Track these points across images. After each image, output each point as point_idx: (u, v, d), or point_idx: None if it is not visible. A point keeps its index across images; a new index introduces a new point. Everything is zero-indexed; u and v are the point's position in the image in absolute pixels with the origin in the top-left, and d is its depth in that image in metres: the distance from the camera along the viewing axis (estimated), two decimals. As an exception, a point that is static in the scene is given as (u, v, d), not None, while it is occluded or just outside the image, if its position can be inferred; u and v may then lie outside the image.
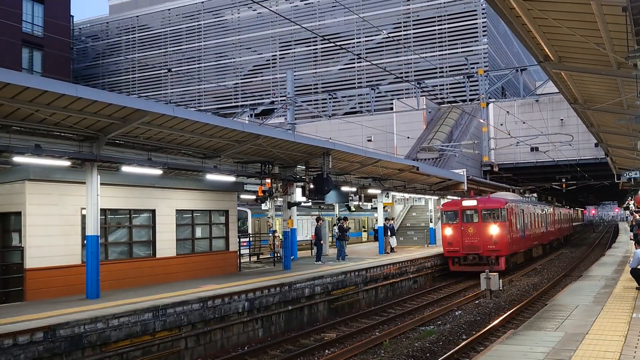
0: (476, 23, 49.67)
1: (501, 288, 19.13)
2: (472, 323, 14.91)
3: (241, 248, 20.67)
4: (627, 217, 67.73)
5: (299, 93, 50.45)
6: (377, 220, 41.65)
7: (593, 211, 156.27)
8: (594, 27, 8.49)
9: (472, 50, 49.40)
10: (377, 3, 52.91)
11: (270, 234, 24.42)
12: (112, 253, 15.38)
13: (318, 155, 19.32)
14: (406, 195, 29.38)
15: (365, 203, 32.76)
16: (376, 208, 28.64)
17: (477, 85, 37.32)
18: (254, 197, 21.61)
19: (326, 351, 12.71)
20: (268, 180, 18.67)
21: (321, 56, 55.21)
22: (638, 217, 36.65)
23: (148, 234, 16.38)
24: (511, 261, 25.97)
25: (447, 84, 47.71)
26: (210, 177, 17.19)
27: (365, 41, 53.04)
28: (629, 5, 6.68)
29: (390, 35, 49.33)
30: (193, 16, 61.08)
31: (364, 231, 43.18)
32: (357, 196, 30.00)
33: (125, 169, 14.25)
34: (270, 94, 53.32)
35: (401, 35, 51.58)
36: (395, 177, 26.99)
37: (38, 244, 13.43)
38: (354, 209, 38.64)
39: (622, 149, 22.58)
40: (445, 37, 50.50)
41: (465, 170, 33.69)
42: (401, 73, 50.02)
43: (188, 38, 61.08)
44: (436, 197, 31.96)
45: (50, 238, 13.68)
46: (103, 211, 14.35)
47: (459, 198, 28.58)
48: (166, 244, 16.66)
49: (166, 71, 55.88)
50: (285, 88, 50.47)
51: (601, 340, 8.97)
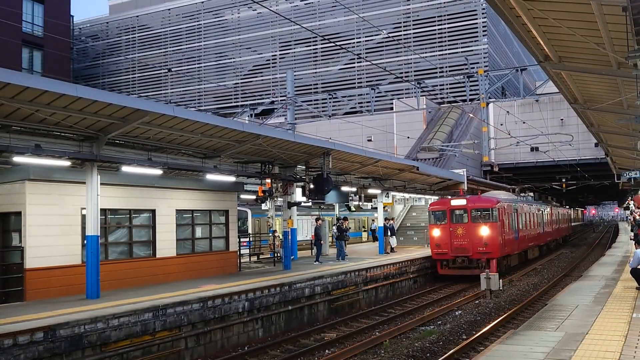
0: (476, 23, 49.68)
1: (501, 288, 19.14)
2: (472, 323, 14.91)
3: (241, 248, 20.68)
4: (627, 217, 67.71)
5: (299, 93, 50.45)
6: (375, 220, 41.86)
7: (593, 211, 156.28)
8: (594, 27, 8.49)
9: (472, 50, 49.42)
10: (377, 3, 52.91)
11: (270, 234, 24.42)
12: (112, 253, 15.39)
13: (318, 155, 19.32)
14: (406, 195, 29.38)
15: (365, 203, 32.76)
16: (376, 208, 28.64)
17: (477, 85, 37.32)
18: (254, 197, 21.63)
19: (326, 351, 12.72)
20: (268, 180, 18.67)
21: (321, 56, 55.22)
22: (638, 217, 36.66)
23: (148, 234, 16.38)
24: (503, 264, 24.80)
25: (447, 84, 47.72)
26: (210, 177, 17.20)
27: (365, 41, 53.05)
28: (629, 5, 6.68)
29: (390, 35, 49.33)
30: (193, 16, 61.09)
31: (364, 231, 43.17)
32: (357, 196, 30.02)
33: (125, 169, 14.26)
34: (270, 94, 53.30)
35: (401, 35, 51.59)
36: (395, 177, 26.98)
37: (38, 244, 13.43)
38: (354, 209, 38.65)
39: (622, 149, 22.58)
40: (445, 37, 50.51)
41: (465, 170, 33.70)
42: (401, 73, 50.02)
43: (188, 38, 61.09)
44: (436, 197, 31.97)
45: (50, 238, 13.68)
46: (103, 211, 14.35)
47: (448, 197, 27.24)
48: (166, 244, 16.67)
49: (166, 71, 55.89)
50: (285, 88, 50.49)
51: (601, 340, 8.98)
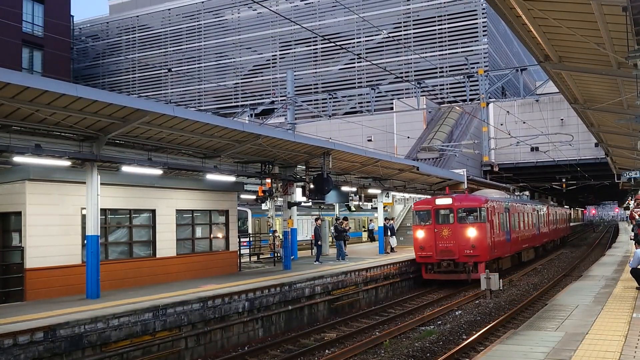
0: (476, 23, 49.67)
1: (501, 288, 19.14)
2: (472, 323, 14.91)
3: (241, 248, 20.68)
4: (627, 217, 67.65)
5: (299, 93, 50.45)
6: (372, 220, 41.85)
7: (593, 211, 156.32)
8: (594, 27, 8.50)
9: (472, 50, 49.40)
10: (377, 3, 52.91)
11: (270, 234, 24.43)
12: (112, 253, 15.39)
13: (318, 155, 19.32)
14: (406, 195, 29.38)
15: (365, 203, 32.77)
16: (376, 208, 28.63)
17: (477, 85, 37.33)
18: (254, 197, 21.65)
19: (326, 351, 12.72)
20: (268, 180, 18.68)
21: (321, 56, 55.21)
22: (638, 217, 36.62)
23: (148, 234, 16.39)
24: (493, 267, 23.24)
25: (447, 84, 47.71)
26: (210, 177, 17.20)
27: (365, 41, 53.04)
28: (629, 5, 6.68)
29: (390, 35, 49.32)
30: (193, 16, 61.08)
31: (364, 231, 43.18)
32: (357, 196, 30.02)
33: (125, 169, 14.26)
34: (270, 94, 53.29)
35: (401, 35, 51.58)
36: (395, 177, 26.98)
37: (38, 244, 13.43)
38: (354, 209, 38.64)
39: (622, 149, 22.58)
40: (445, 37, 50.50)
41: (465, 170, 33.67)
42: (401, 73, 50.01)
43: (188, 38, 61.08)
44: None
45: (50, 238, 13.68)
46: (103, 211, 14.35)
47: (432, 196, 25.63)
48: (166, 244, 16.67)
49: (166, 71, 55.89)
50: (285, 88, 50.48)
51: (601, 340, 8.98)
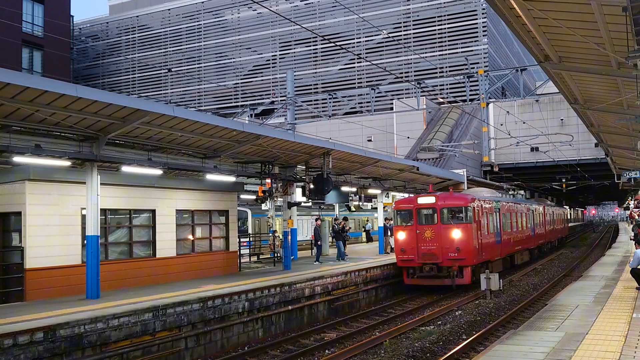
0: (476, 23, 49.66)
1: (501, 288, 19.13)
2: (472, 323, 14.92)
3: (241, 248, 20.68)
4: (627, 218, 67.64)
5: (299, 93, 50.42)
6: (369, 220, 41.84)
7: (593, 211, 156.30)
8: (594, 27, 8.50)
9: (472, 50, 49.39)
10: (377, 3, 52.90)
11: (270, 234, 24.42)
12: (112, 253, 15.39)
13: (318, 155, 19.32)
14: (406, 195, 29.35)
15: (365, 203, 32.77)
16: (376, 208, 28.62)
17: (477, 85, 37.27)
18: (254, 197, 21.63)
19: (326, 351, 12.71)
20: (268, 180, 18.68)
21: (321, 56, 55.20)
22: (637, 217, 36.64)
23: (148, 234, 16.39)
24: (481, 272, 21.34)
25: (447, 84, 47.70)
26: (210, 177, 17.20)
27: (365, 41, 53.03)
28: (629, 5, 6.67)
29: (390, 35, 49.30)
30: (193, 16, 61.06)
31: (364, 231, 43.20)
32: (357, 196, 30.03)
33: (125, 169, 14.27)
34: (270, 94, 53.27)
35: (401, 35, 51.57)
36: (395, 177, 26.98)
37: (38, 244, 13.43)
38: (354, 209, 38.64)
39: (622, 149, 22.59)
40: (445, 37, 50.49)
41: (465, 170, 33.67)
42: (401, 73, 50.00)
43: (188, 38, 61.06)
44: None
45: (50, 238, 13.68)
46: (103, 211, 14.35)
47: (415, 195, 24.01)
48: (166, 244, 16.67)
49: (166, 71, 55.87)
50: (285, 88, 50.44)
51: (601, 340, 8.97)
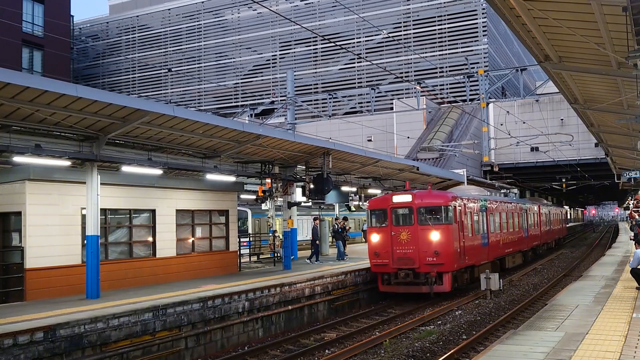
0: (476, 23, 49.67)
1: (501, 288, 19.13)
2: (472, 323, 14.92)
3: (241, 248, 20.68)
4: (627, 217, 67.58)
5: (299, 93, 50.43)
6: (365, 220, 41.61)
7: (593, 211, 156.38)
8: (594, 27, 8.50)
9: (472, 50, 49.40)
10: (377, 3, 52.91)
11: (270, 234, 24.42)
12: (112, 253, 15.40)
13: (318, 155, 19.33)
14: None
15: (365, 203, 32.65)
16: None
17: (477, 85, 37.30)
18: (254, 197, 21.64)
19: (326, 351, 12.71)
20: (268, 180, 18.69)
21: (321, 56, 55.20)
22: (637, 217, 36.64)
23: (148, 234, 16.39)
24: (464, 278, 20.04)
25: (447, 84, 47.71)
26: (210, 177, 17.20)
27: (365, 41, 53.04)
28: (629, 5, 6.68)
29: (390, 35, 49.30)
30: (193, 16, 61.07)
31: (363, 231, 43.14)
32: (357, 196, 29.97)
33: (125, 169, 14.27)
34: (270, 94, 53.29)
35: (401, 35, 51.58)
36: (395, 177, 26.99)
37: (38, 244, 13.43)
38: (354, 209, 38.59)
39: (622, 149, 22.59)
40: (445, 37, 50.50)
41: (465, 170, 33.68)
42: (401, 73, 50.01)
43: (188, 38, 61.07)
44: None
45: (50, 238, 13.68)
46: (103, 211, 14.36)
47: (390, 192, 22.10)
48: (166, 244, 16.67)
49: (166, 71, 55.88)
50: (285, 88, 50.46)
51: (601, 340, 8.97)
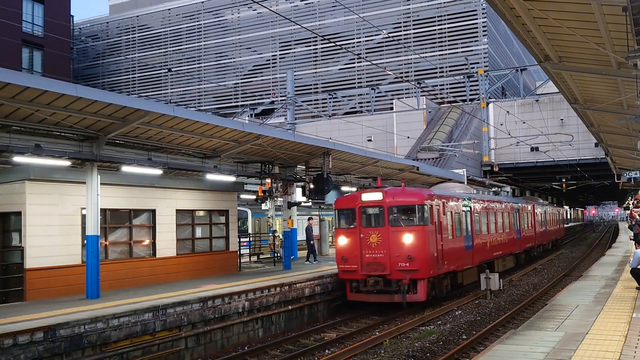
0: (476, 23, 49.67)
1: (501, 288, 19.13)
2: (472, 323, 14.91)
3: (241, 248, 20.68)
4: (627, 217, 67.48)
5: (299, 93, 50.42)
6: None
7: (593, 211, 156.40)
8: (594, 27, 8.51)
9: (472, 50, 49.39)
10: (377, 3, 52.91)
11: (270, 234, 24.42)
12: (112, 253, 15.39)
13: (318, 155, 19.33)
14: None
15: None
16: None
17: (477, 85, 37.29)
18: (254, 197, 21.62)
19: (326, 351, 12.71)
20: (268, 180, 18.69)
21: (321, 56, 55.20)
22: (637, 217, 36.60)
23: (148, 234, 16.39)
24: (443, 285, 18.01)
25: (447, 84, 47.70)
26: (210, 177, 17.20)
27: (365, 41, 53.04)
28: (629, 5, 6.68)
29: (390, 35, 49.30)
30: (193, 16, 61.06)
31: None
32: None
33: (125, 169, 14.27)
34: (270, 94, 53.28)
35: (401, 35, 51.57)
36: (395, 177, 26.99)
37: (38, 244, 13.44)
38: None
39: (622, 149, 22.59)
40: (445, 37, 50.50)
41: (465, 170, 33.69)
42: (401, 73, 50.00)
43: (188, 38, 61.06)
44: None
45: (50, 238, 13.68)
46: (103, 211, 14.35)
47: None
48: (166, 244, 16.67)
49: (166, 71, 55.88)
50: (285, 88, 50.46)
51: (601, 340, 8.97)
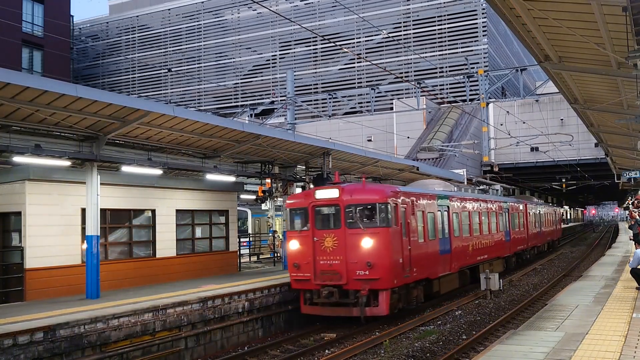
0: (476, 23, 49.66)
1: (501, 288, 19.12)
2: (472, 323, 14.91)
3: (241, 248, 20.68)
4: (627, 217, 67.49)
5: (299, 93, 50.42)
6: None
7: (593, 211, 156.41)
8: (594, 27, 8.51)
9: (472, 50, 49.39)
10: (377, 3, 52.90)
11: (270, 234, 24.43)
12: (112, 253, 15.39)
13: (318, 155, 19.33)
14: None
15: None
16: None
17: (477, 85, 37.29)
18: (254, 197, 21.64)
19: (326, 351, 12.71)
20: (268, 180, 18.69)
21: (321, 56, 55.19)
22: (637, 217, 36.60)
23: (148, 234, 16.39)
24: (413, 295, 15.78)
25: (447, 84, 47.69)
26: (210, 177, 17.20)
27: (365, 41, 53.03)
28: (629, 5, 6.68)
29: (390, 35, 49.29)
30: (193, 16, 61.05)
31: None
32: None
33: (125, 169, 14.27)
34: (270, 94, 53.28)
35: (401, 35, 51.57)
36: (395, 177, 27.00)
37: (38, 244, 13.44)
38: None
39: (622, 149, 22.59)
40: (445, 37, 50.49)
41: (465, 170, 33.68)
42: (401, 73, 49.99)
43: (188, 38, 61.05)
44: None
45: (50, 238, 13.69)
46: (103, 211, 14.35)
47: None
48: (166, 244, 16.67)
49: (166, 71, 55.88)
50: (285, 88, 50.46)
51: (601, 340, 8.97)
